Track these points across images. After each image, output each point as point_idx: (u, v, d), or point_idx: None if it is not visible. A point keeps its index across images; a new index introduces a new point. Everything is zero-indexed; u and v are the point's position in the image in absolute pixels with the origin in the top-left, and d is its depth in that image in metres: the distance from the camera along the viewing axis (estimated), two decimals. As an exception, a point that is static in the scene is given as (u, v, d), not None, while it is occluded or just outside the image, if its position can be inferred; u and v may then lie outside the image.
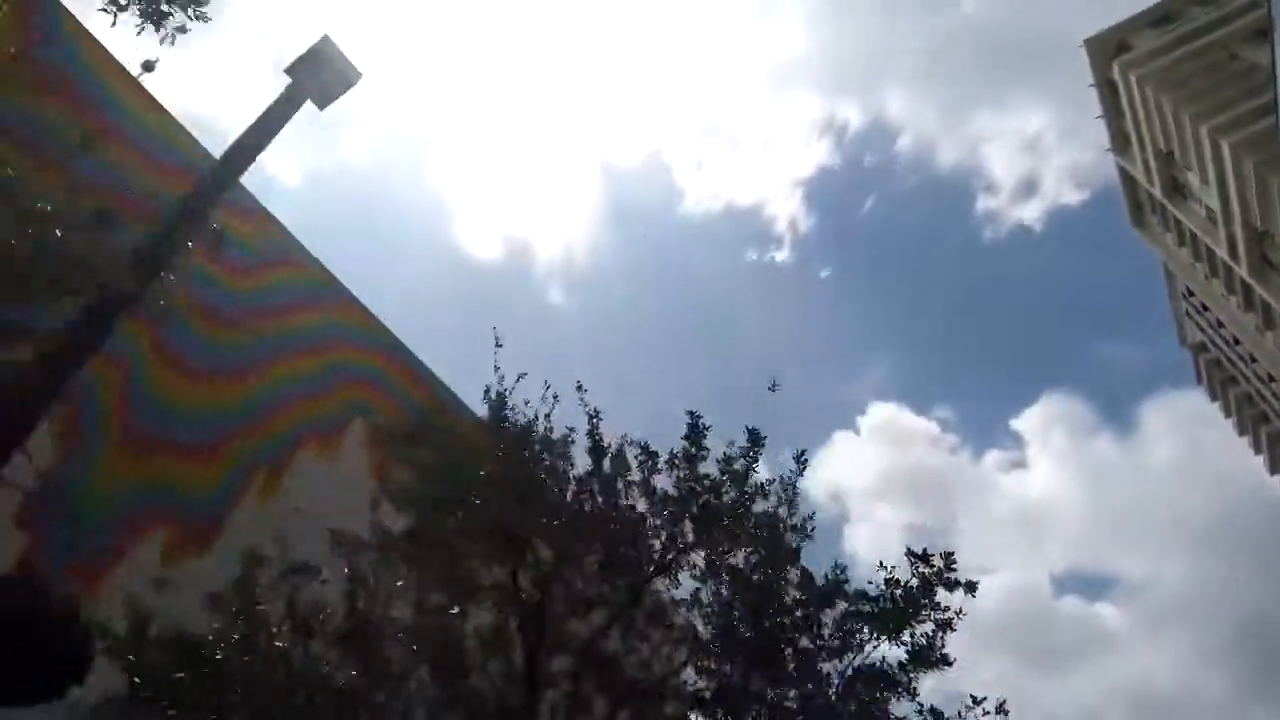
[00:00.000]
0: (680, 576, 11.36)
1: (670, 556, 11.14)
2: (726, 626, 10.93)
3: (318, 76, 9.59)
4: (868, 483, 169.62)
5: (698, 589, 11.36)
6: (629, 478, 11.25)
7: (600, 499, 11.27)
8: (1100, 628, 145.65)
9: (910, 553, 10.55)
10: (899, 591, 10.53)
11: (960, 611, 10.60)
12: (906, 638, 10.49)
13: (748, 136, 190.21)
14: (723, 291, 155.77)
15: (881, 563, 10.87)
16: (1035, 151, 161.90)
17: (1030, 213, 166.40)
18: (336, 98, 9.88)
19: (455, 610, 11.20)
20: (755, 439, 10.98)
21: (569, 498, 11.39)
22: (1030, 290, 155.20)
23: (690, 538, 11.14)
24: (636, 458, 11.21)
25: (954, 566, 10.58)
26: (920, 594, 10.51)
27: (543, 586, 10.93)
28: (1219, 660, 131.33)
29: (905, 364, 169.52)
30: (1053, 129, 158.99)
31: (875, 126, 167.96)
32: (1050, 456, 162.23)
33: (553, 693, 11.01)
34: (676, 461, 11.05)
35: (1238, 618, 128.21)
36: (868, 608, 10.75)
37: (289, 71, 9.45)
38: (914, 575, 10.57)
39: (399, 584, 11.42)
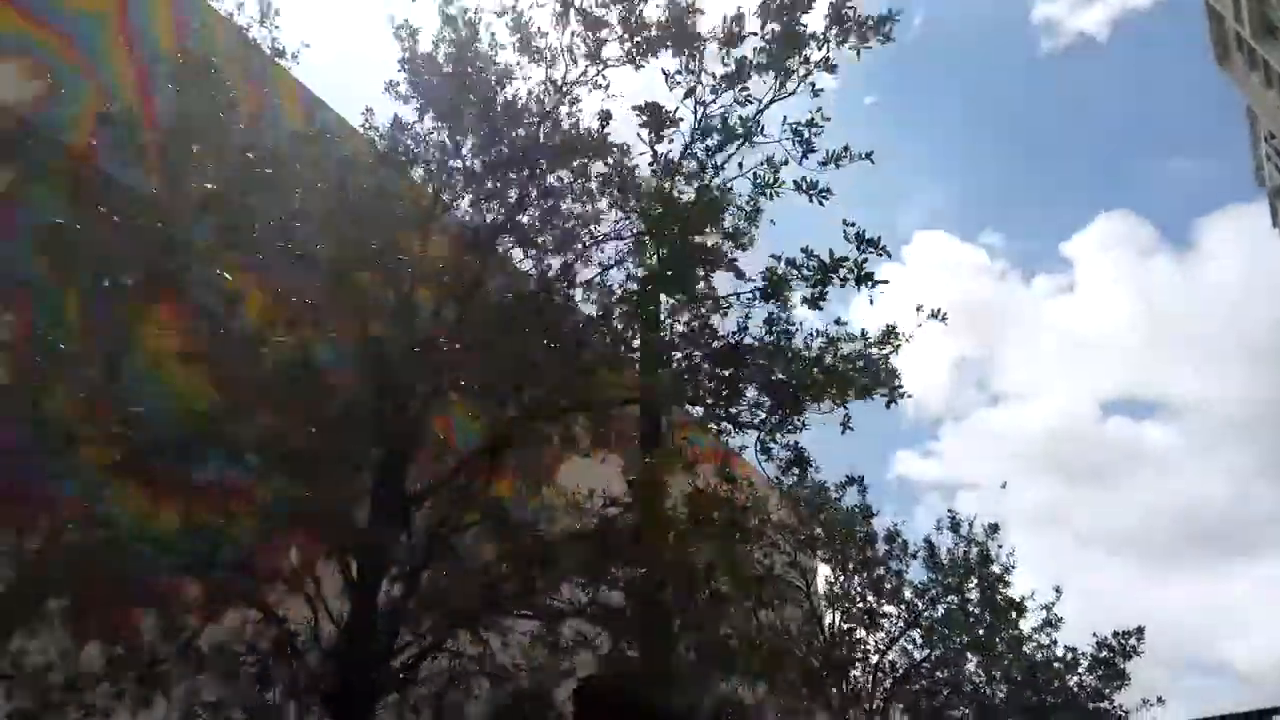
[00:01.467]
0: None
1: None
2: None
3: None
4: (913, 313, 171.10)
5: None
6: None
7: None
8: (1148, 448, 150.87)
9: (1117, 633, 17.82)
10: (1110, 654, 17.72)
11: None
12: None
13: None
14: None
15: (1095, 633, 18.19)
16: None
17: (1094, 18, 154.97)
18: None
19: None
20: (994, 528, 17.19)
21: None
22: (1088, 106, 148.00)
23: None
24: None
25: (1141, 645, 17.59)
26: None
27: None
28: (1270, 477, 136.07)
29: (953, 190, 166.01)
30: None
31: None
32: (1102, 280, 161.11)
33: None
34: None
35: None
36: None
37: None
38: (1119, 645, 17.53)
39: None
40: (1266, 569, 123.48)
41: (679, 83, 10.06)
